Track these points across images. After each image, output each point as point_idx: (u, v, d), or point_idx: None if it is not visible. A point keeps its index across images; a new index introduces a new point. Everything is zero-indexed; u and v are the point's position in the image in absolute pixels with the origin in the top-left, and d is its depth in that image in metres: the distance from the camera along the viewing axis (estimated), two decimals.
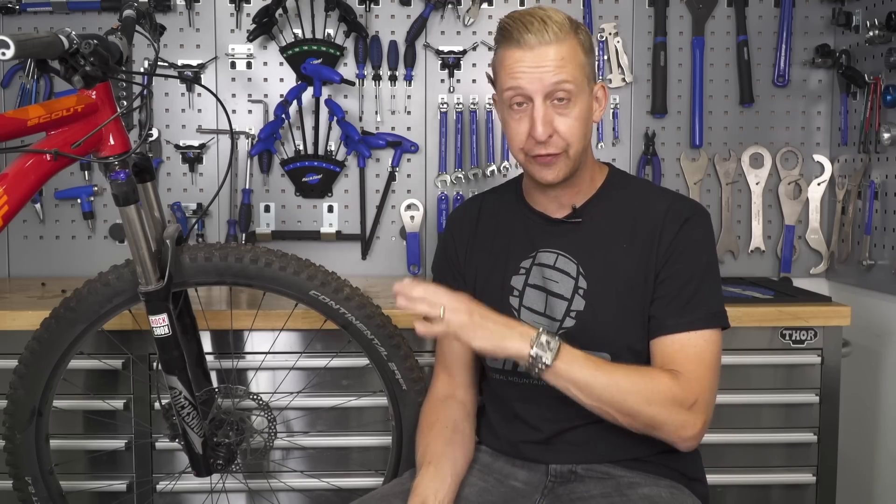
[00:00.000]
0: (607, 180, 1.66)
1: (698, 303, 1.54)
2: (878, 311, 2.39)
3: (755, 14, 2.62)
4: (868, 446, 2.42)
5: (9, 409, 1.81)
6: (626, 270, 1.57)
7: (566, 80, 1.50)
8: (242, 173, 2.61)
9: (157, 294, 1.66)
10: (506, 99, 1.55)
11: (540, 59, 1.49)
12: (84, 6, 2.54)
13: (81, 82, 1.53)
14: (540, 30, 1.49)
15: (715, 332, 1.54)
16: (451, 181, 2.63)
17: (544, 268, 1.62)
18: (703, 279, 1.56)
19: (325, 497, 2.09)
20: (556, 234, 1.63)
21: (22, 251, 2.63)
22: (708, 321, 1.54)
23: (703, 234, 1.59)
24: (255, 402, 1.93)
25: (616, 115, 2.63)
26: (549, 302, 1.60)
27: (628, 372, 1.48)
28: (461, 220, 1.76)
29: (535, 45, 1.49)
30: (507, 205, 1.72)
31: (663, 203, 1.61)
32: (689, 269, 1.56)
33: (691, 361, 1.51)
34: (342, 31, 2.59)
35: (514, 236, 1.67)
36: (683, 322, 1.53)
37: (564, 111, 1.52)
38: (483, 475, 1.65)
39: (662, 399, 1.47)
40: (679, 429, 1.49)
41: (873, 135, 2.39)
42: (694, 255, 1.57)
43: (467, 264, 1.71)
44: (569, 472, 1.61)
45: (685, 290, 1.54)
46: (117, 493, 2.07)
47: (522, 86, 1.51)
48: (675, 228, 1.57)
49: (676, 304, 1.54)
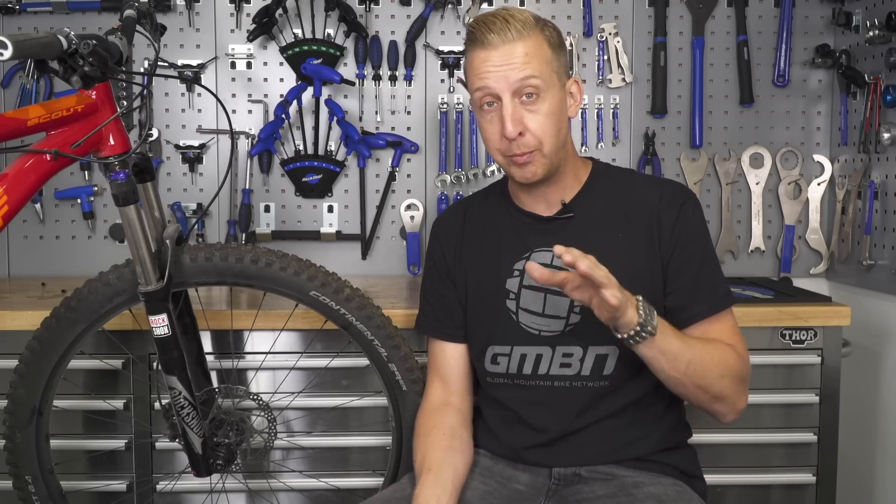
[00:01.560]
0: (592, 173, 1.67)
1: (716, 284, 1.60)
2: (878, 311, 2.39)
3: (755, 14, 2.62)
4: (868, 446, 2.42)
5: (9, 409, 1.81)
6: (625, 260, 1.57)
7: (532, 75, 1.50)
8: (242, 173, 2.61)
9: (156, 294, 1.66)
10: (476, 101, 1.55)
11: (504, 56, 1.50)
12: (84, 6, 2.54)
13: (80, 82, 1.53)
14: (502, 28, 1.50)
15: (731, 310, 1.61)
16: (451, 181, 2.63)
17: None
18: (711, 261, 1.62)
19: (325, 497, 2.09)
20: (549, 231, 1.63)
21: (22, 251, 2.63)
22: (727, 299, 1.60)
23: (700, 215, 1.63)
24: (256, 403, 1.92)
25: (616, 115, 2.63)
26: (549, 301, 1.60)
27: (706, 346, 1.52)
28: (447, 225, 1.75)
29: (498, 43, 1.50)
30: (494, 207, 1.71)
31: (653, 189, 1.63)
32: (700, 254, 1.60)
33: (735, 338, 1.58)
34: (342, 31, 2.59)
35: (505, 239, 1.66)
36: (711, 305, 1.58)
37: (533, 107, 1.52)
38: (485, 478, 1.64)
39: (732, 373, 1.53)
40: (736, 401, 1.55)
41: (873, 135, 2.39)
42: (698, 238, 1.61)
43: (457, 269, 1.70)
44: (572, 475, 1.61)
45: (702, 274, 1.58)
46: (117, 493, 2.07)
47: (489, 85, 1.51)
48: (673, 214, 1.58)
49: (699, 290, 1.58)
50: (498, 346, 1.64)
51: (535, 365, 1.61)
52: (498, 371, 1.65)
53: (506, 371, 1.64)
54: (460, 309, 1.69)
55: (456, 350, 1.70)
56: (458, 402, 1.69)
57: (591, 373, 1.58)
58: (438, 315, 1.72)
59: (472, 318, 1.68)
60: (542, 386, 1.61)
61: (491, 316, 1.64)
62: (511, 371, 1.63)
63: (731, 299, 1.61)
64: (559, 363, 1.60)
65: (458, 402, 1.69)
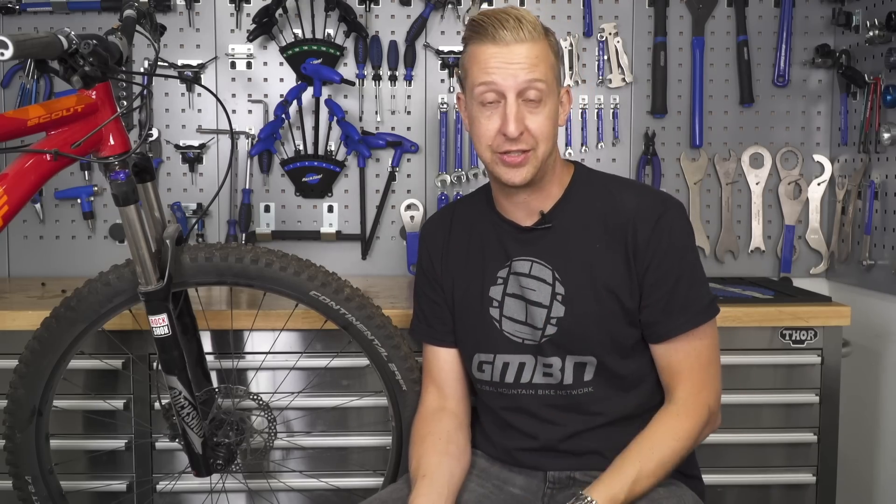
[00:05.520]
0: (573, 180, 1.64)
1: (691, 300, 1.56)
2: (878, 311, 2.39)
3: (755, 14, 2.62)
4: (868, 446, 2.42)
5: (9, 409, 1.81)
6: (603, 271, 1.56)
7: (539, 78, 1.50)
8: (242, 173, 2.61)
9: (156, 294, 1.66)
10: (476, 95, 1.53)
11: (514, 55, 1.49)
12: (84, 6, 2.54)
13: (80, 82, 1.53)
14: (515, 27, 1.49)
15: (711, 323, 1.57)
16: (451, 181, 2.63)
17: (520, 276, 1.60)
18: (690, 275, 1.57)
19: (325, 497, 2.09)
20: (528, 241, 1.61)
21: (22, 251, 2.63)
22: (703, 315, 1.56)
23: (680, 228, 1.58)
24: (256, 403, 1.93)
25: (616, 115, 2.63)
26: (529, 310, 1.59)
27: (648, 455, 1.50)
28: (434, 231, 1.74)
29: (510, 41, 1.49)
30: (479, 214, 1.69)
31: (631, 199, 1.59)
32: (675, 269, 1.55)
33: (694, 368, 1.55)
34: (342, 31, 2.59)
35: (488, 246, 1.65)
36: (681, 323, 1.54)
37: (535, 110, 1.51)
38: (481, 480, 1.64)
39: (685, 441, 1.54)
40: (707, 433, 1.59)
41: (873, 135, 2.39)
42: (675, 253, 1.56)
43: (444, 274, 1.69)
44: (567, 479, 1.61)
45: (676, 291, 1.55)
46: (117, 493, 2.07)
47: (496, 81, 1.50)
48: (647, 228, 1.55)
49: (671, 307, 1.55)
50: (483, 353, 1.63)
51: (517, 373, 1.60)
52: (483, 378, 1.64)
53: (490, 379, 1.63)
54: (450, 314, 1.69)
55: (449, 355, 1.70)
56: (453, 407, 1.68)
57: (573, 381, 1.58)
58: (430, 320, 1.71)
59: (460, 324, 1.67)
60: (525, 394, 1.61)
61: (476, 323, 1.64)
62: (495, 379, 1.62)
63: (711, 312, 1.57)
64: (542, 372, 1.59)
65: (454, 406, 1.69)
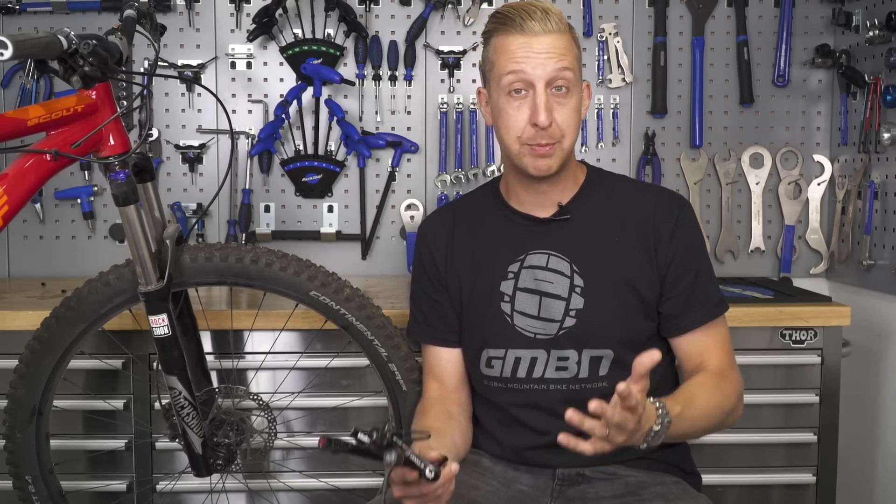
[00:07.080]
0: (587, 178, 1.67)
1: (709, 292, 1.62)
2: (878, 311, 2.39)
3: (755, 14, 2.62)
4: (868, 446, 2.42)
5: (9, 409, 1.81)
6: (621, 265, 1.58)
7: (567, 67, 1.51)
8: (242, 173, 2.61)
9: (156, 294, 1.66)
10: (504, 85, 1.53)
11: (544, 45, 1.50)
12: (84, 6, 2.54)
13: (80, 82, 1.53)
14: (543, 18, 1.51)
15: (724, 316, 1.63)
16: (451, 181, 2.63)
17: (536, 269, 1.61)
18: (706, 268, 1.64)
19: (325, 497, 2.09)
20: (544, 233, 1.62)
21: (22, 251, 2.63)
22: (719, 307, 1.62)
23: (695, 223, 1.65)
24: (256, 403, 1.93)
25: (616, 115, 2.63)
26: (544, 304, 1.59)
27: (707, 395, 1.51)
28: (435, 229, 1.73)
29: (539, 31, 1.50)
30: (486, 210, 1.69)
31: (648, 196, 1.64)
32: (696, 263, 1.61)
33: (723, 351, 1.61)
34: (342, 31, 2.59)
35: (498, 241, 1.65)
36: (703, 315, 1.59)
37: (563, 101, 1.52)
38: (487, 479, 1.63)
39: (732, 405, 1.56)
40: (739, 413, 1.60)
41: (873, 135, 2.39)
42: (695, 246, 1.62)
43: (448, 273, 1.68)
44: (576, 475, 1.61)
45: (697, 283, 1.60)
46: (117, 493, 2.07)
47: (526, 70, 1.50)
48: (670, 223, 1.59)
49: (692, 300, 1.59)
50: (492, 349, 1.63)
51: (529, 368, 1.60)
52: (492, 374, 1.64)
53: (500, 375, 1.63)
54: (454, 313, 1.68)
55: (451, 354, 1.69)
56: (456, 397, 1.69)
57: (588, 375, 1.58)
58: (431, 321, 1.70)
59: (467, 321, 1.67)
60: (537, 389, 1.60)
61: (485, 319, 1.63)
62: (505, 375, 1.62)
63: (725, 306, 1.63)
64: (555, 366, 1.59)
65: (457, 396, 1.69)
